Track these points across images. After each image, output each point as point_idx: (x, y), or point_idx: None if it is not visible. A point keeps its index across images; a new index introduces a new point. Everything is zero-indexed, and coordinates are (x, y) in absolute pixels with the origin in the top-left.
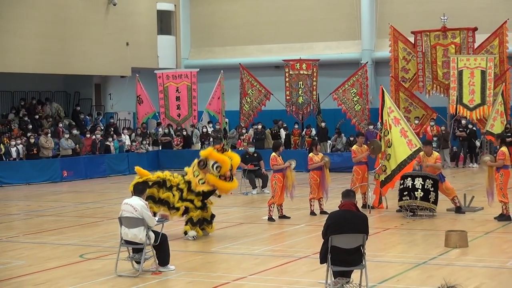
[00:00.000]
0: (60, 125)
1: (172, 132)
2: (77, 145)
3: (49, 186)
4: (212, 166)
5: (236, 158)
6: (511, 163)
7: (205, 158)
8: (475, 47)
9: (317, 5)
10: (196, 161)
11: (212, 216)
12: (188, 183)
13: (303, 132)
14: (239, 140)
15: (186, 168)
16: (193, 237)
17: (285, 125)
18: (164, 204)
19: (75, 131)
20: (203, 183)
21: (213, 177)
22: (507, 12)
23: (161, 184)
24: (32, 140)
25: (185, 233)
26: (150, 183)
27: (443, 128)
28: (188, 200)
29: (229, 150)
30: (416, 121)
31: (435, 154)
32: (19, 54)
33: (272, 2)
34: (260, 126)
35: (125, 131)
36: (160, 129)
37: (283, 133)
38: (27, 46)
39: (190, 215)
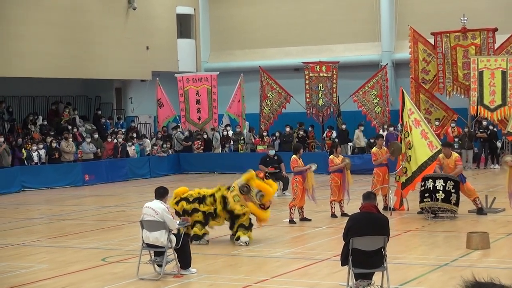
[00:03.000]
0: (81, 129)
1: (186, 133)
2: (99, 149)
3: (71, 190)
4: (256, 195)
5: (275, 187)
6: None
7: (248, 184)
8: (496, 48)
9: (336, 7)
10: (236, 184)
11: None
12: (223, 198)
13: (324, 134)
14: (256, 139)
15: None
16: (246, 242)
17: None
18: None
19: (96, 135)
20: (241, 207)
21: (253, 206)
22: None
23: (201, 199)
24: (54, 145)
25: (238, 238)
26: (191, 199)
27: (466, 129)
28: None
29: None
30: (437, 123)
31: (455, 155)
32: (39, 59)
33: (291, 4)
34: (288, 129)
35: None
36: (176, 132)
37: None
38: (47, 51)
39: (240, 221)
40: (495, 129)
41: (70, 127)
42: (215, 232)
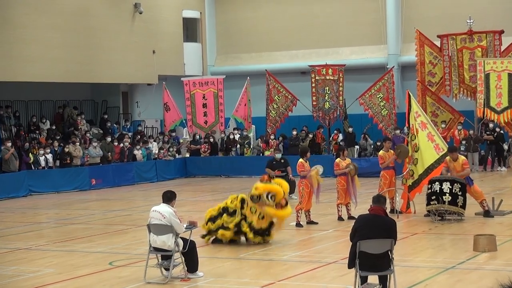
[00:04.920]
0: (88, 135)
1: (190, 137)
2: (109, 153)
3: (78, 194)
4: (267, 197)
5: (285, 184)
6: None
7: (257, 193)
8: (502, 50)
9: (342, 10)
10: (247, 197)
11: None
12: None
13: (331, 138)
14: (264, 144)
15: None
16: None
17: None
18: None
19: (109, 139)
20: (263, 217)
21: (271, 209)
22: None
23: (225, 209)
24: (66, 150)
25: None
26: (216, 214)
27: (471, 132)
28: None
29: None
30: (443, 125)
31: (462, 158)
32: (46, 63)
33: (297, 7)
34: (295, 133)
35: (151, 139)
36: (182, 137)
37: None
38: (54, 55)
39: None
40: (501, 132)
41: (76, 131)
42: None
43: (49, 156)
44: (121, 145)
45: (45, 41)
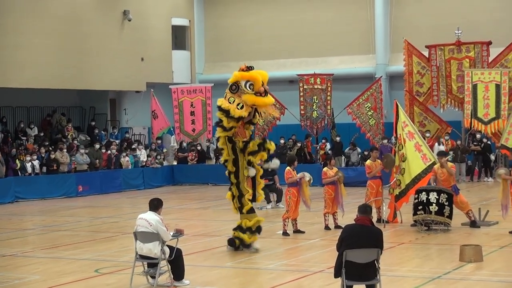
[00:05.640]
0: (75, 141)
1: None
2: (97, 160)
3: (65, 201)
4: (245, 86)
5: (264, 74)
6: None
7: (235, 82)
8: (490, 61)
9: (331, 19)
10: (227, 91)
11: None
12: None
13: (318, 146)
14: None
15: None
16: (257, 249)
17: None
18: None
19: (97, 146)
20: (242, 107)
21: (250, 96)
22: None
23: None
24: (52, 156)
25: (247, 245)
26: None
27: (459, 142)
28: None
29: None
30: (428, 134)
31: (450, 164)
32: (34, 69)
33: (286, 16)
34: (282, 141)
35: (140, 146)
36: (169, 144)
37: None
38: (42, 61)
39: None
40: (488, 142)
41: (64, 138)
42: (210, 243)
43: (36, 163)
44: (109, 152)
45: (34, 48)
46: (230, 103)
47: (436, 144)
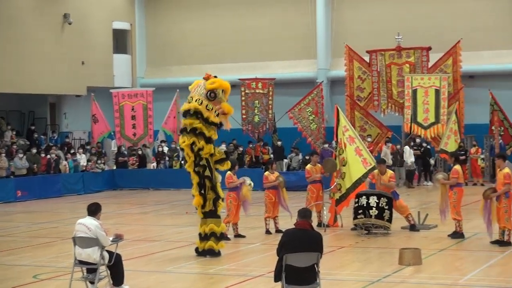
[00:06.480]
0: (14, 146)
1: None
2: (35, 165)
3: (3, 206)
4: (222, 94)
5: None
6: (465, 181)
7: (214, 89)
8: (429, 66)
9: (273, 24)
10: (199, 96)
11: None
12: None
13: (260, 150)
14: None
15: None
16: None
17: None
18: None
19: (34, 150)
20: (217, 115)
21: (227, 105)
22: (461, 32)
23: None
24: None
25: (210, 251)
26: None
27: (398, 146)
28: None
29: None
30: (369, 139)
31: (389, 172)
32: None
33: (228, 21)
34: (223, 146)
35: (81, 150)
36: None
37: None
38: None
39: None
40: (428, 147)
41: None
42: (150, 248)
43: None
44: (48, 156)
45: None
46: (208, 110)
47: (384, 147)
